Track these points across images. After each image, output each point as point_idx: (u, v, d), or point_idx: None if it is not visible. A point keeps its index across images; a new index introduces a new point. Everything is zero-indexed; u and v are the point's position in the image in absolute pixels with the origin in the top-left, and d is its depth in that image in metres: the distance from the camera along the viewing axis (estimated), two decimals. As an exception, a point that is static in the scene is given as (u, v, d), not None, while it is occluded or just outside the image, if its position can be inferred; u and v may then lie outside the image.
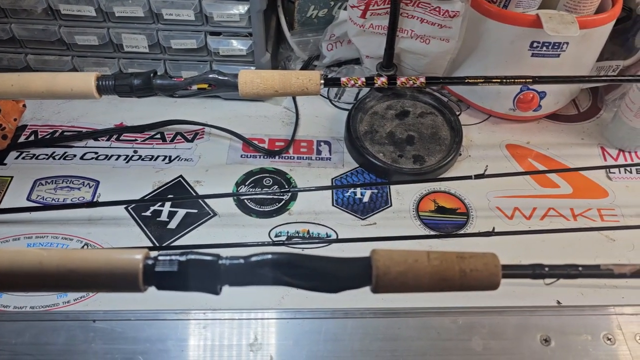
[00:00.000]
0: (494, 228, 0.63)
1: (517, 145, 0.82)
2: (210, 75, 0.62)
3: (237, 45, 0.77)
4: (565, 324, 0.52)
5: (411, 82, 0.63)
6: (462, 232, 0.71)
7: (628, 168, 0.79)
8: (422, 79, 0.63)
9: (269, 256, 0.39)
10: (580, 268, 0.40)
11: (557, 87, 0.80)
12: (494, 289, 0.39)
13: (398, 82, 0.63)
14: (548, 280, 0.58)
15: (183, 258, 0.38)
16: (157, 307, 0.53)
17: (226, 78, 0.62)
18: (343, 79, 0.63)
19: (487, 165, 0.66)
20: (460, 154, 0.80)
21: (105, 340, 0.50)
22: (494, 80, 0.64)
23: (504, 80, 0.63)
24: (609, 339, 0.51)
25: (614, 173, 0.78)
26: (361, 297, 0.51)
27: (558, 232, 0.67)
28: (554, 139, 0.83)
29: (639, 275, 0.40)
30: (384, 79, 0.63)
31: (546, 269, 0.40)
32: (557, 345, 0.51)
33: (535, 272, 0.40)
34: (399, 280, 0.38)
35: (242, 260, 0.38)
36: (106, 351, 0.49)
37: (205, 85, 0.62)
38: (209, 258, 0.38)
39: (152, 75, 0.61)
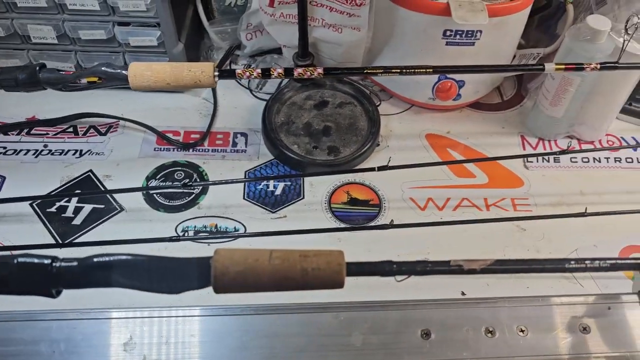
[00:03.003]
0: (392, 221, 0.63)
1: (436, 135, 0.81)
2: (101, 68, 0.60)
3: (147, 36, 0.75)
4: (447, 318, 0.52)
5: (308, 73, 0.62)
6: (372, 223, 0.71)
7: (546, 157, 0.79)
8: (320, 70, 0.62)
9: (107, 258, 0.38)
10: (429, 265, 0.40)
11: (476, 76, 0.79)
12: (339, 287, 0.39)
13: (295, 73, 0.62)
14: (399, 278, 0.58)
15: (13, 261, 0.37)
16: (34, 307, 0.52)
17: (116, 71, 0.60)
18: (238, 71, 0.61)
19: (390, 157, 0.66)
20: (379, 144, 0.79)
21: (-25, 343, 0.49)
22: (393, 71, 0.62)
23: (404, 71, 0.62)
24: (490, 332, 0.51)
25: (532, 162, 0.78)
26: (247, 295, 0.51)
27: (454, 225, 0.66)
28: (475, 128, 0.83)
29: (488, 271, 0.40)
30: (280, 70, 0.61)
31: (394, 266, 0.39)
32: (437, 338, 0.51)
33: (384, 269, 0.39)
34: (238, 280, 0.38)
35: (75, 263, 0.37)
36: (-23, 354, 0.48)
37: (95, 79, 0.60)
38: (39, 261, 0.37)
39: (38, 68, 0.59)
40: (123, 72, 0.60)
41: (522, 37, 0.89)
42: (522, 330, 0.52)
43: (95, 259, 0.38)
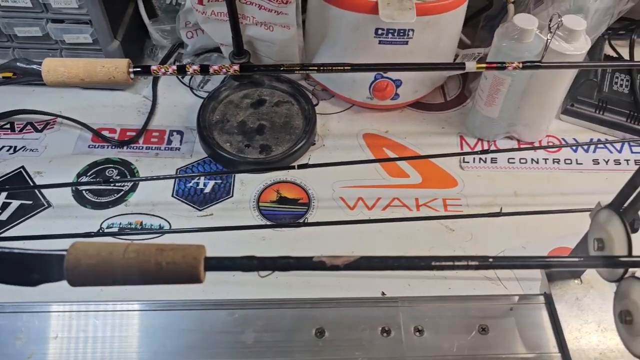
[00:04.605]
0: (306, 219, 0.62)
1: (374, 135, 0.81)
2: (15, 63, 0.60)
3: (81, 33, 0.76)
4: (344, 317, 0.52)
5: (224, 70, 0.61)
6: (302, 222, 0.70)
7: (482, 157, 0.78)
8: (236, 67, 0.61)
9: (-38, 250, 0.38)
10: (291, 260, 0.39)
11: (413, 75, 0.79)
12: (197, 282, 0.38)
13: (211, 70, 0.61)
14: (263, 273, 0.57)
15: None
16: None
17: (30, 66, 0.60)
18: (153, 67, 0.61)
19: (309, 156, 0.65)
20: (314, 144, 0.79)
21: None
22: (311, 68, 0.62)
23: (322, 68, 0.62)
24: (386, 331, 0.51)
25: (468, 162, 0.77)
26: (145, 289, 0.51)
27: (376, 223, 0.66)
28: (414, 128, 0.82)
29: (352, 267, 0.39)
30: (196, 67, 0.61)
31: (255, 261, 0.39)
32: (331, 337, 0.50)
33: (245, 264, 0.39)
34: (90, 273, 0.37)
35: None
36: None
37: (10, 74, 0.61)
38: None
39: (-49, 63, 0.60)
40: (36, 67, 0.60)
41: (468, 37, 0.89)
42: (419, 331, 0.51)
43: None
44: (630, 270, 0.45)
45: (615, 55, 0.91)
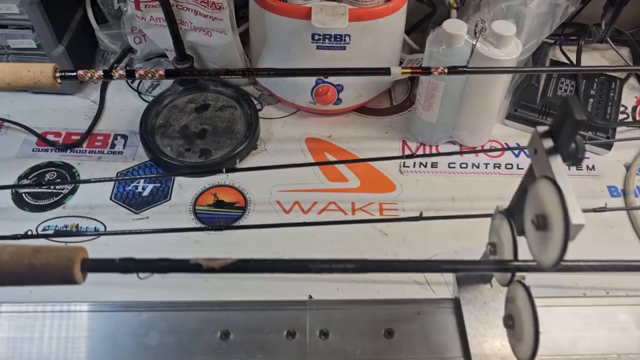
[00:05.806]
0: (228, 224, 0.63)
1: (316, 139, 0.81)
2: (-57, 68, 0.61)
3: (25, 39, 0.77)
4: (251, 319, 0.52)
5: (150, 74, 0.62)
6: (234, 225, 0.71)
7: (423, 162, 0.78)
8: (162, 72, 0.62)
9: None
10: (169, 262, 0.40)
11: (355, 81, 0.79)
12: (73, 283, 0.39)
13: (136, 75, 0.62)
14: (142, 275, 0.57)
15: None
16: None
17: (-43, 71, 0.61)
18: (80, 72, 0.62)
19: (238, 159, 0.66)
20: (256, 148, 0.79)
21: None
22: (236, 73, 0.63)
23: (246, 73, 0.63)
24: (291, 334, 0.51)
25: (408, 167, 0.78)
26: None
27: (304, 226, 0.66)
28: (357, 132, 0.83)
29: (229, 270, 0.40)
30: (122, 72, 0.62)
31: (132, 263, 0.39)
32: (235, 340, 0.50)
33: (123, 266, 0.40)
34: (-36, 275, 0.38)
35: None
36: None
37: (-63, 79, 0.62)
38: None
39: None
40: (-37, 72, 0.61)
41: (416, 43, 0.90)
42: (324, 334, 0.51)
43: None
44: (519, 274, 0.45)
45: (565, 60, 0.91)
